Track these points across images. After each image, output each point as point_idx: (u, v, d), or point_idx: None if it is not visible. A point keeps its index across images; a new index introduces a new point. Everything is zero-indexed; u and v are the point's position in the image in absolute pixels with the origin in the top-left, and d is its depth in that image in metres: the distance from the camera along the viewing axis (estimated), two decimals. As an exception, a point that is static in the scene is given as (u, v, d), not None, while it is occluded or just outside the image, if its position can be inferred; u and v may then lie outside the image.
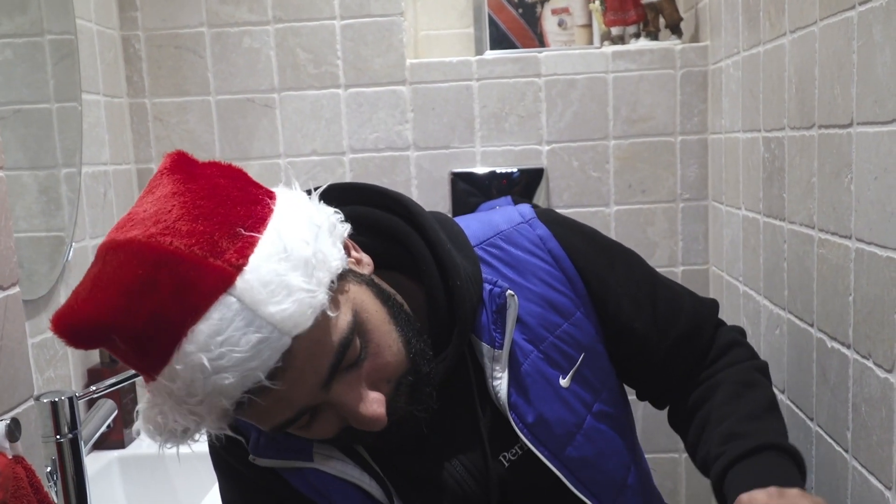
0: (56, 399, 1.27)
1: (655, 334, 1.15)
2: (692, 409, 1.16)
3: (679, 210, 2.06)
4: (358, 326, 0.91)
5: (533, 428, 1.05)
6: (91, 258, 1.58)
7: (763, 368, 1.18)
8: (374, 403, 0.92)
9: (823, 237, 1.22)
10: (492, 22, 2.16)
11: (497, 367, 1.04)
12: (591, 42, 2.15)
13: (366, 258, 1.00)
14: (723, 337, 1.21)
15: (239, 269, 0.82)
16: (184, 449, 0.88)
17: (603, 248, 1.17)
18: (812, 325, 1.29)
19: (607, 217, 2.05)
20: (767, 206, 1.51)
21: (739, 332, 1.24)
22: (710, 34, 1.95)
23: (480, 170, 2.05)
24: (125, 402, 1.79)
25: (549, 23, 2.18)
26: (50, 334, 1.60)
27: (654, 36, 2.06)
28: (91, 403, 1.45)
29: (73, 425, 1.28)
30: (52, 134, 1.66)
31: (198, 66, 2.06)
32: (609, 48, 2.02)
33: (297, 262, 0.84)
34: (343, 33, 2.04)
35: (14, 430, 0.98)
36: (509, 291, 1.04)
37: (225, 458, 1.10)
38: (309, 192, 0.96)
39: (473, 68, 2.04)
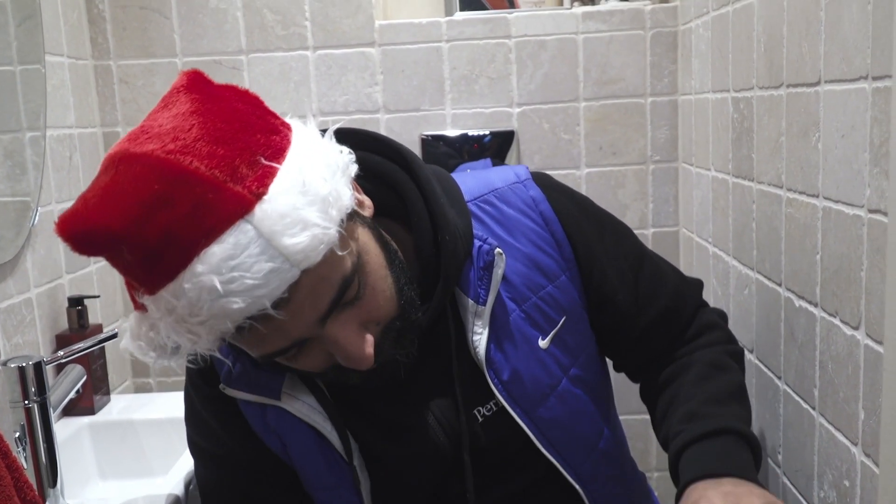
0: (23, 364, 1.26)
1: (635, 309, 1.16)
2: (662, 386, 1.18)
3: (649, 172, 2.06)
4: (358, 267, 0.93)
5: (507, 385, 1.07)
6: (55, 222, 1.55)
7: (737, 354, 1.21)
8: (364, 343, 0.94)
9: (791, 196, 1.23)
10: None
11: (479, 323, 1.06)
12: (561, 3, 2.14)
13: (367, 201, 1.01)
14: (703, 318, 1.22)
15: (258, 197, 0.83)
16: (155, 414, 0.88)
17: (594, 216, 1.18)
18: (780, 285, 1.30)
19: (578, 179, 2.05)
20: (736, 167, 1.51)
21: (720, 316, 1.26)
22: (680, -5, 1.94)
23: (451, 132, 2.04)
24: (94, 367, 1.78)
25: (519, -16, 2.17)
26: (18, 300, 1.59)
27: (624, -4, 2.06)
28: (60, 369, 1.44)
29: (42, 390, 1.27)
30: (16, 97, 1.63)
31: (164, 27, 2.03)
32: (579, 9, 2.01)
33: (314, 197, 0.85)
34: (311, -6, 2.01)
35: (-21, 395, 0.97)
36: (498, 249, 1.06)
37: (191, 395, 1.13)
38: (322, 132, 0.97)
39: (443, 30, 2.02)
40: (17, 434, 1.27)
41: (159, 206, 0.80)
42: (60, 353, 1.35)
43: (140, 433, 1.76)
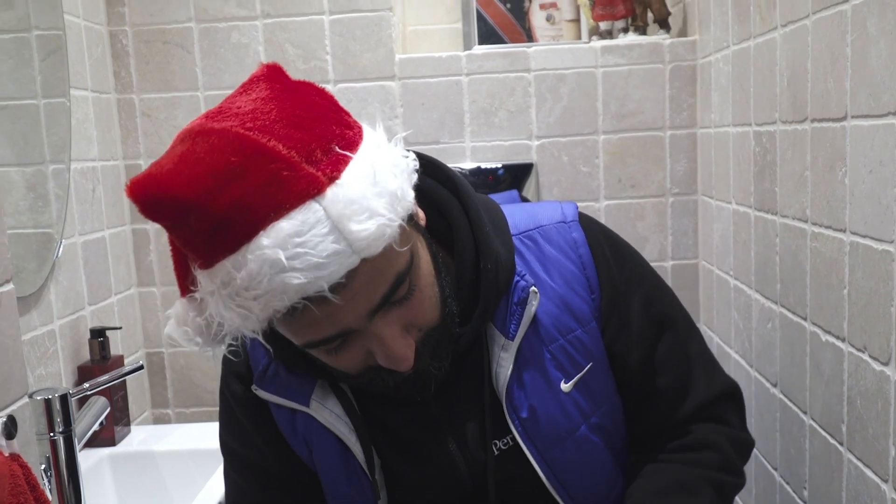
0: (50, 396, 1.26)
1: (640, 375, 1.13)
2: (632, 477, 1.15)
3: (669, 205, 2.06)
4: (411, 267, 0.94)
5: (525, 422, 1.07)
6: (80, 255, 1.57)
7: (722, 486, 1.12)
8: (406, 345, 0.95)
9: (817, 231, 1.23)
10: (480, 17, 2.16)
11: (504, 356, 1.06)
12: (579, 37, 2.15)
13: (421, 213, 1.02)
14: (709, 433, 1.14)
15: (331, 180, 0.85)
16: (175, 446, 0.88)
17: (630, 269, 1.15)
18: (805, 319, 1.29)
19: (597, 212, 2.05)
20: (759, 200, 1.51)
21: (731, 441, 1.15)
22: (698, 28, 1.95)
23: (469, 165, 2.05)
24: (116, 398, 1.78)
25: (537, 18, 2.18)
26: (42, 331, 1.60)
27: (642, 30, 2.07)
28: (82, 400, 1.44)
29: (67, 423, 1.27)
30: (40, 130, 1.65)
31: (186, 61, 2.05)
32: (598, 43, 2.03)
33: (382, 189, 0.87)
34: (332, 28, 2.03)
35: (10, 428, 0.97)
36: (533, 288, 1.06)
37: (226, 395, 1.16)
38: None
39: (463, 63, 2.04)
40: (43, 466, 1.27)
41: (233, 177, 0.82)
42: (86, 385, 1.35)
43: (160, 465, 1.76)
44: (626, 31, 2.08)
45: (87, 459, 1.69)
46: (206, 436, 1.84)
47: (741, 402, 1.18)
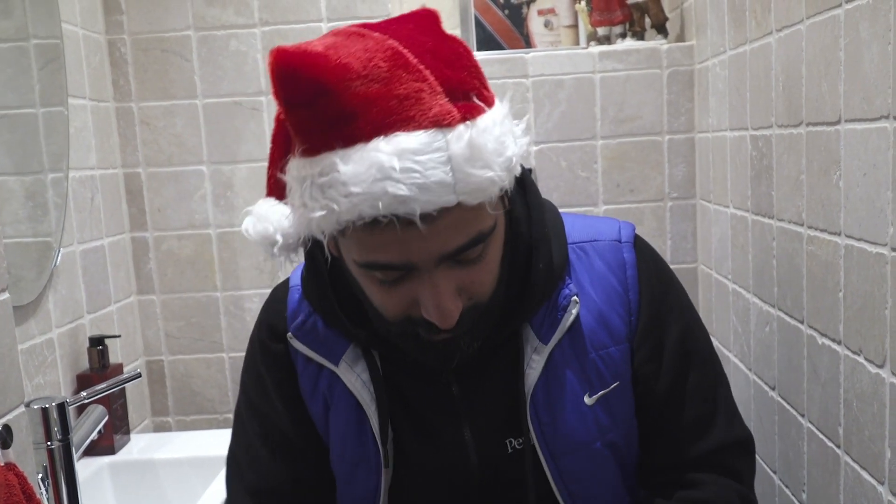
0: (46, 405, 1.26)
1: (661, 405, 1.13)
2: None
3: (667, 209, 2.06)
4: (490, 235, 0.96)
5: (544, 426, 1.08)
6: (79, 263, 1.58)
7: None
8: (455, 305, 0.96)
9: (812, 234, 1.23)
10: (478, 23, 2.17)
11: (536, 359, 1.08)
12: (577, 43, 2.16)
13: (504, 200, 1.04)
14: (719, 491, 1.11)
15: (463, 120, 0.88)
16: (174, 454, 0.89)
17: (673, 303, 1.15)
18: (802, 322, 1.29)
19: (596, 217, 2.05)
20: (756, 204, 1.51)
21: (742, 501, 1.13)
22: (695, 34, 1.95)
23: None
24: (115, 407, 1.78)
25: (535, 24, 2.19)
26: (40, 340, 1.60)
27: (640, 36, 2.07)
28: (81, 409, 1.45)
29: (65, 431, 1.27)
30: (39, 139, 1.65)
31: (184, 69, 2.05)
32: (596, 48, 2.03)
33: (502, 151, 0.91)
34: (330, 36, 2.03)
35: (6, 437, 0.98)
36: (575, 297, 1.08)
37: (255, 345, 1.19)
38: None
39: (460, 69, 2.03)
40: (41, 475, 1.27)
41: (376, 78, 0.86)
42: (83, 393, 1.36)
43: (160, 473, 1.76)
44: (623, 36, 2.08)
45: (87, 468, 1.69)
46: (205, 443, 1.85)
47: (754, 456, 1.18)
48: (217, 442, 1.85)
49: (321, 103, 0.86)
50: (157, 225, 2.10)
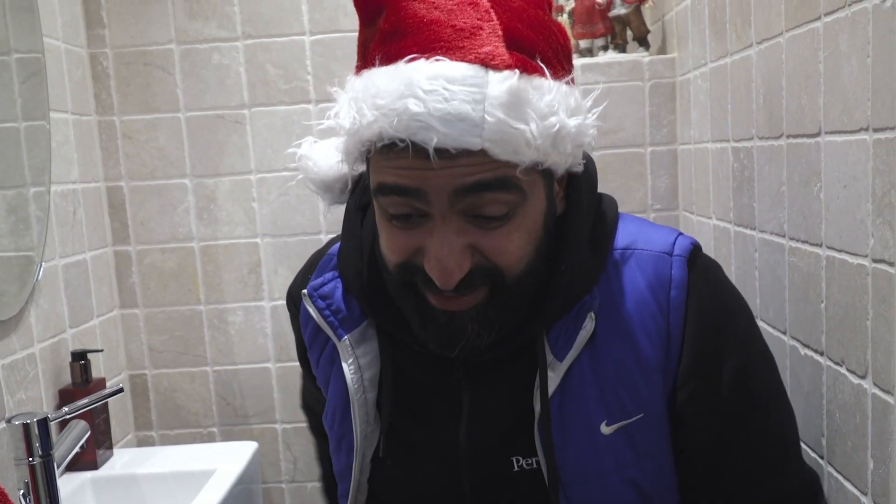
0: (28, 421, 1.25)
1: (711, 452, 1.02)
2: None
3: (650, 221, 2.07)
4: (516, 204, 0.90)
5: (556, 449, 1.00)
6: (61, 277, 1.57)
7: None
8: (457, 263, 0.90)
9: (794, 245, 1.23)
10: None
11: (551, 376, 0.99)
12: (560, 55, 2.16)
13: (560, 196, 1.01)
14: None
15: (512, 68, 0.85)
16: (158, 469, 0.88)
17: (733, 335, 1.02)
18: (784, 333, 1.30)
19: (579, 228, 2.05)
20: (738, 216, 1.52)
21: None
22: (677, 46, 1.96)
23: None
24: (97, 422, 1.77)
25: (518, 36, 2.19)
26: (22, 355, 1.59)
27: (622, 48, 2.08)
28: (63, 425, 1.44)
29: (46, 447, 1.27)
30: (20, 153, 1.65)
31: (167, 82, 2.05)
32: (578, 61, 2.04)
33: (549, 115, 0.87)
34: (313, 49, 2.03)
35: (-13, 454, 0.97)
36: (591, 314, 0.98)
37: (290, 300, 1.21)
38: None
39: (444, 82, 2.04)
40: (22, 491, 1.26)
41: (441, 7, 0.88)
42: (65, 409, 1.34)
43: (143, 488, 1.75)
44: (605, 48, 2.09)
45: (69, 483, 1.68)
46: (190, 458, 1.84)
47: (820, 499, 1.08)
48: (202, 456, 1.84)
49: (382, 20, 0.87)
50: (139, 238, 2.09)
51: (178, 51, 2.04)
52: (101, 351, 1.93)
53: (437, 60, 0.85)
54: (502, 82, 0.84)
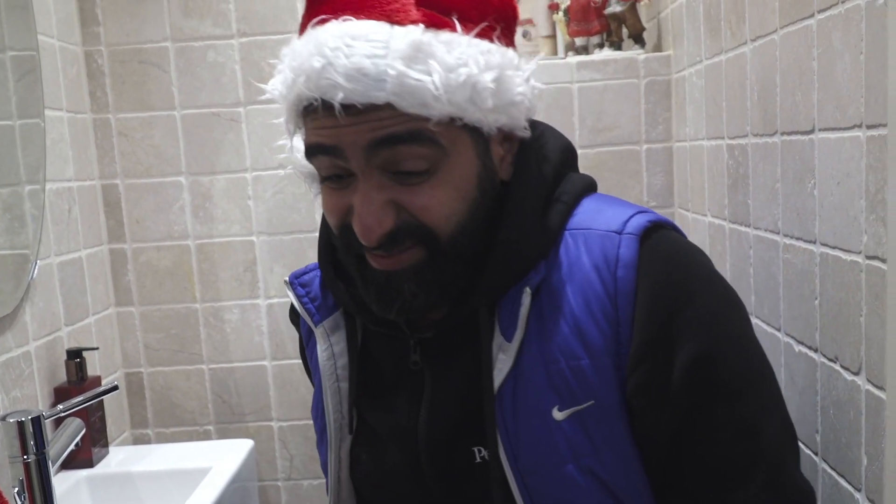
0: (22, 419, 1.25)
1: (667, 450, 0.95)
2: None
3: (646, 218, 2.07)
4: (436, 158, 0.90)
5: (511, 437, 0.96)
6: (56, 275, 1.57)
7: None
8: (377, 218, 0.90)
9: (788, 242, 1.24)
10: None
11: (502, 358, 0.95)
12: (555, 53, 2.16)
13: (507, 161, 0.99)
14: None
15: (417, 23, 0.87)
16: (153, 467, 0.88)
17: (696, 314, 0.94)
18: (779, 330, 1.30)
19: (575, 226, 2.05)
20: (733, 213, 1.52)
21: None
22: (672, 44, 1.97)
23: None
24: (93, 419, 1.77)
25: (513, 34, 2.19)
26: (17, 353, 1.59)
27: (617, 46, 2.08)
28: (58, 422, 1.43)
29: (41, 445, 1.26)
30: (15, 151, 1.64)
31: (162, 80, 2.05)
32: (574, 58, 2.04)
33: (457, 68, 0.87)
34: (308, 46, 2.03)
35: (-20, 451, 0.97)
36: (527, 289, 0.95)
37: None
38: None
39: (439, 80, 2.04)
40: (16, 489, 1.26)
41: None
42: (60, 406, 1.34)
43: (139, 486, 1.75)
44: (601, 46, 2.09)
45: (65, 481, 1.68)
46: (185, 456, 1.84)
47: None
48: (197, 454, 1.84)
49: None
50: (135, 236, 2.09)
51: (173, 48, 2.04)
52: (97, 349, 1.93)
53: (345, 20, 0.87)
54: (405, 36, 0.85)
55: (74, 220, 1.90)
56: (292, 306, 1.17)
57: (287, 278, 1.13)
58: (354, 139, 0.88)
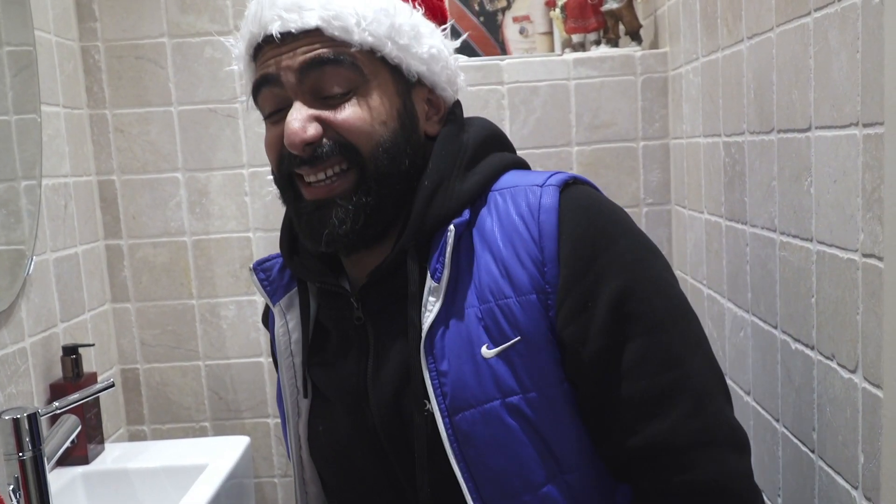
0: (18, 416, 1.25)
1: (592, 378, 0.99)
2: None
3: (643, 215, 2.07)
4: (360, 83, 1.03)
5: (441, 376, 1.01)
6: (52, 271, 1.57)
7: None
8: (302, 126, 1.01)
9: (785, 240, 1.24)
10: (453, 30, 2.16)
11: (432, 300, 1.02)
12: (552, 49, 2.16)
13: (432, 120, 1.12)
14: (713, 472, 0.96)
15: None
16: (149, 463, 0.89)
17: (613, 257, 0.99)
18: (776, 328, 1.30)
19: (571, 223, 2.05)
20: (729, 210, 1.52)
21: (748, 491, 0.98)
22: (669, 41, 1.96)
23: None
24: (88, 416, 1.77)
25: (510, 31, 2.20)
26: (12, 349, 1.59)
27: (614, 43, 2.08)
28: (54, 419, 1.43)
29: (36, 442, 1.26)
30: (11, 146, 1.64)
31: (159, 76, 2.04)
32: (570, 55, 2.04)
33: (377, 3, 1.03)
34: (305, 42, 2.03)
35: (-24, 448, 0.97)
36: (451, 227, 1.01)
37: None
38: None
39: (436, 76, 2.04)
40: (12, 487, 1.26)
41: None
42: (56, 404, 1.34)
43: (135, 482, 1.75)
44: (598, 43, 2.09)
45: (60, 478, 1.67)
46: (182, 452, 1.83)
47: (733, 455, 0.98)
48: (193, 451, 1.84)
49: None
50: (131, 232, 2.09)
51: (170, 44, 2.04)
52: (93, 345, 1.92)
53: None
54: None
55: (70, 215, 1.90)
56: (265, 308, 1.26)
57: (251, 266, 1.20)
58: (289, 63, 1.01)
